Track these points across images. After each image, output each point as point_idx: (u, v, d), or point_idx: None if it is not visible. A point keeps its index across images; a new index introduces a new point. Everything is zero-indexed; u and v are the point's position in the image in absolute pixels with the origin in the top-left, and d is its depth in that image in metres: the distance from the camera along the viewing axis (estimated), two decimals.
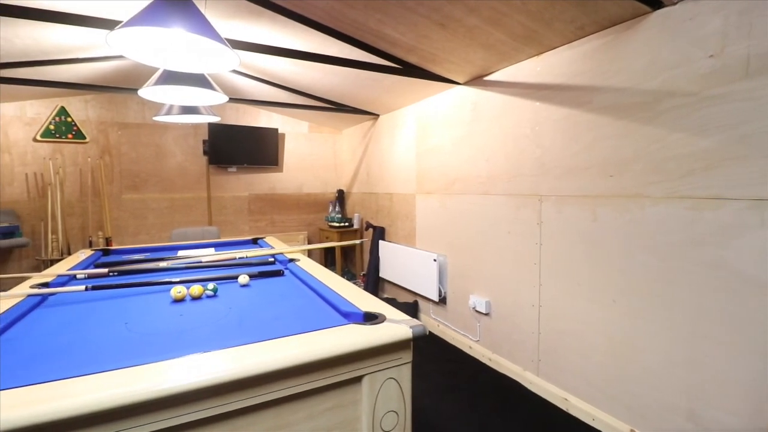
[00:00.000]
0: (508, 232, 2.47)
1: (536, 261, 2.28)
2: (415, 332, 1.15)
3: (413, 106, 3.48)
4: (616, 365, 1.88)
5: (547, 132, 2.18)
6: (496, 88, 2.53)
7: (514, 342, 2.46)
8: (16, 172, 3.65)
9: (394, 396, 1.15)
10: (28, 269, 3.70)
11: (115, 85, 3.58)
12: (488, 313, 2.66)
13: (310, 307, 1.42)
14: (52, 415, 0.75)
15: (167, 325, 1.25)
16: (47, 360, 1.00)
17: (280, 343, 1.05)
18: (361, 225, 4.59)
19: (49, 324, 1.27)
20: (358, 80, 3.06)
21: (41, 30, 2.23)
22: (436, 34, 2.07)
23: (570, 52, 2.04)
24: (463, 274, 2.91)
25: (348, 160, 4.95)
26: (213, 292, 1.58)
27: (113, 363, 0.96)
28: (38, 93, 3.53)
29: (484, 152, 2.64)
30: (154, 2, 1.32)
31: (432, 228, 3.26)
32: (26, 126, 3.67)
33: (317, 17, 2.11)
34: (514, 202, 2.42)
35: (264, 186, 4.74)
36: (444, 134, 3.05)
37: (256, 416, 0.97)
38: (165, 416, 0.86)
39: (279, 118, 4.77)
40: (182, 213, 4.33)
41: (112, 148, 4.00)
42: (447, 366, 2.66)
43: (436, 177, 3.17)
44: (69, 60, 2.79)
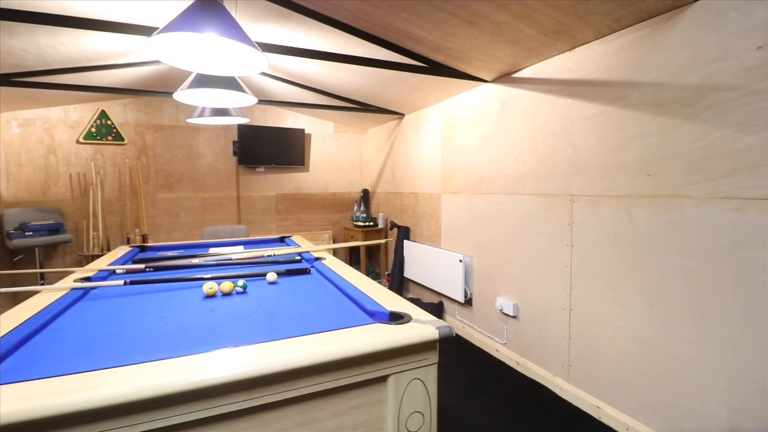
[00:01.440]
0: (537, 233, 2.41)
1: (567, 263, 2.21)
2: (442, 333, 1.14)
3: (439, 105, 3.45)
4: (653, 373, 1.80)
5: (580, 130, 2.11)
6: (525, 85, 2.48)
7: (544, 346, 2.40)
8: (61, 173, 3.87)
9: (419, 397, 1.14)
10: (72, 264, 3.92)
11: (151, 89, 3.73)
12: (516, 316, 2.60)
13: (336, 305, 1.43)
14: (95, 402, 0.79)
15: (200, 319, 1.30)
16: (90, 350, 1.05)
17: (308, 341, 1.07)
18: (385, 224, 4.60)
19: (91, 316, 1.34)
20: (383, 80, 3.06)
21: (83, 38, 2.36)
22: (463, 31, 2.05)
23: (604, 46, 1.97)
24: (489, 275, 2.86)
25: (373, 159, 4.96)
26: (243, 288, 1.62)
27: (151, 355, 1.00)
28: (81, 97, 3.73)
29: (513, 151, 2.59)
30: (188, 8, 1.36)
31: (457, 228, 3.22)
32: (70, 129, 3.88)
33: (343, 18, 2.13)
34: (543, 203, 2.36)
35: (291, 186, 4.82)
36: (470, 133, 3.01)
37: (283, 411, 0.99)
38: (199, 407, 0.89)
39: (305, 119, 4.84)
40: (213, 212, 4.47)
41: (148, 149, 4.18)
42: (473, 368, 2.63)
43: (462, 176, 3.13)
44: (109, 66, 2.93)
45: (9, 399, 0.78)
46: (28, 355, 1.03)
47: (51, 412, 0.76)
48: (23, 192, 3.74)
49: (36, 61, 2.58)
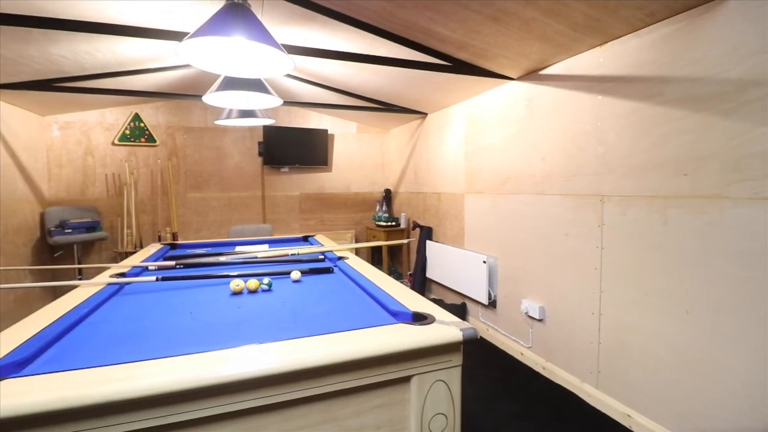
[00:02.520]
0: (565, 235, 2.34)
1: (597, 266, 2.14)
2: (466, 335, 1.12)
3: (463, 104, 3.41)
4: (689, 383, 1.71)
5: (611, 127, 2.04)
6: (552, 82, 2.41)
7: (571, 351, 2.33)
8: (98, 173, 4.05)
9: (443, 399, 1.13)
10: (107, 260, 4.10)
11: (181, 92, 3.86)
12: (542, 319, 2.54)
13: (359, 304, 1.44)
14: (129, 394, 0.82)
15: (227, 315, 1.33)
16: (124, 343, 1.09)
17: (332, 339, 1.07)
18: (408, 224, 4.59)
19: (126, 310, 1.39)
20: (406, 79, 3.06)
21: (118, 44, 2.46)
22: (489, 28, 2.01)
23: (637, 40, 1.89)
24: (514, 277, 2.80)
25: (395, 159, 4.96)
26: (268, 286, 1.65)
27: (181, 349, 1.03)
28: (116, 101, 3.90)
29: (540, 150, 2.53)
30: (217, 13, 1.40)
31: (481, 229, 3.17)
32: (106, 131, 4.06)
33: (367, 18, 2.13)
34: (572, 203, 2.29)
35: (314, 185, 4.88)
36: (495, 132, 2.96)
37: (307, 408, 0.99)
38: (226, 401, 0.91)
39: (329, 119, 4.89)
40: (239, 211, 4.58)
41: (178, 150, 4.32)
42: (497, 372, 2.58)
43: (487, 176, 3.08)
44: (142, 70, 3.05)
45: (50, 388, 0.81)
46: (67, 346, 1.08)
47: (88, 401, 0.80)
48: (63, 191, 3.94)
49: (74, 67, 2.72)
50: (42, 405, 0.77)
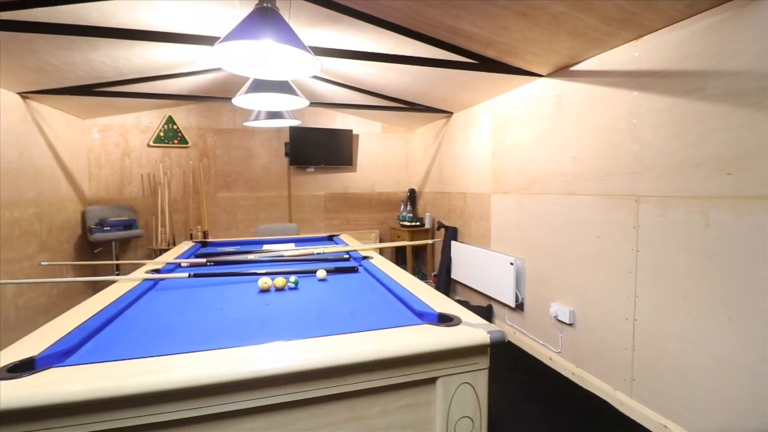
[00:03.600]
0: (597, 236, 2.26)
1: (631, 269, 2.05)
2: (493, 338, 1.10)
3: (489, 102, 3.35)
4: (732, 394, 1.62)
5: (648, 125, 1.95)
6: (584, 78, 2.33)
7: (603, 357, 2.25)
8: (134, 174, 4.24)
9: (469, 402, 1.12)
10: (142, 257, 4.28)
11: (212, 95, 3.98)
12: (572, 324, 2.46)
13: (384, 304, 1.43)
14: (163, 385, 0.85)
15: (255, 312, 1.35)
16: (159, 337, 1.13)
17: (358, 338, 1.08)
18: (432, 225, 4.55)
19: (160, 305, 1.44)
20: (431, 78, 3.03)
21: (153, 49, 2.56)
22: (517, 24, 1.97)
23: (676, 33, 1.80)
24: (543, 279, 2.73)
25: (420, 159, 4.93)
26: (294, 284, 1.68)
27: (213, 343, 1.06)
28: (151, 104, 4.07)
29: (570, 149, 2.45)
30: (247, 17, 1.43)
31: (508, 229, 3.11)
32: (142, 133, 4.24)
33: (393, 18, 2.13)
34: (605, 204, 2.21)
35: (339, 185, 4.93)
36: (523, 130, 2.90)
37: (334, 405, 1.00)
38: (255, 396, 0.93)
39: (353, 120, 4.92)
40: (266, 210, 4.68)
41: (209, 151, 4.46)
42: (524, 376, 2.52)
43: (514, 176, 3.01)
44: (175, 75, 3.17)
45: (91, 377, 0.85)
46: (106, 338, 1.13)
47: (127, 391, 0.83)
48: (102, 191, 4.15)
49: (113, 72, 2.85)
50: (84, 393, 0.81)
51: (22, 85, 2.79)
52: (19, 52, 2.26)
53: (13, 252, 2.84)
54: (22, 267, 2.93)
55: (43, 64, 2.48)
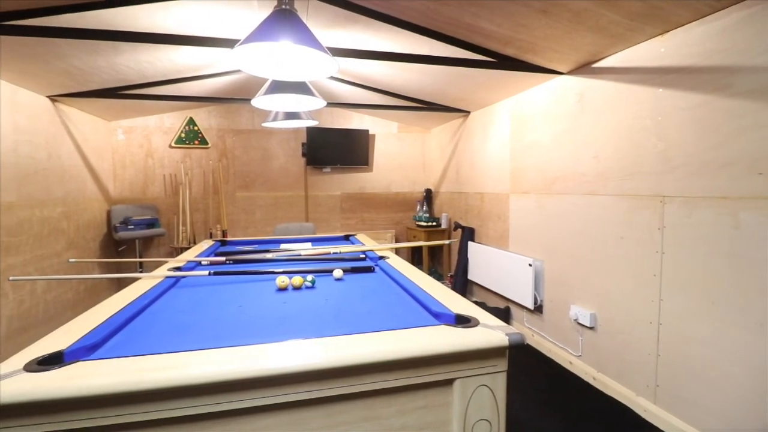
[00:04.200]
0: (620, 238, 2.20)
1: (656, 272, 1.99)
2: (512, 340, 1.08)
3: (507, 101, 3.31)
4: (765, 404, 1.54)
5: (673, 123, 1.89)
6: (606, 75, 2.28)
7: (626, 362, 2.18)
8: (157, 174, 4.35)
9: (487, 404, 1.10)
10: (164, 255, 4.39)
11: (231, 97, 4.05)
12: (593, 327, 2.40)
13: (401, 304, 1.43)
14: (184, 380, 0.87)
15: (273, 310, 1.37)
16: (180, 333, 1.16)
17: (374, 338, 1.07)
18: (449, 225, 4.52)
19: (181, 302, 1.47)
20: (448, 78, 3.01)
21: (175, 52, 2.62)
22: (537, 21, 1.93)
23: (703, 28, 1.74)
24: (562, 281, 2.67)
25: (436, 159, 4.90)
26: (311, 283, 1.69)
27: (232, 340, 1.08)
28: (173, 106, 4.17)
29: (592, 148, 2.39)
30: (266, 19, 1.44)
31: (527, 230, 3.06)
32: (164, 135, 4.35)
33: (410, 18, 2.12)
34: (628, 204, 2.15)
35: (355, 185, 4.94)
36: (543, 129, 2.84)
37: (350, 404, 1.00)
38: (271, 393, 0.94)
39: (370, 120, 4.93)
40: (283, 210, 4.73)
41: (228, 152, 4.54)
42: (543, 380, 2.48)
43: (533, 175, 2.96)
44: (196, 77, 3.24)
45: (116, 371, 0.88)
46: (130, 334, 1.16)
47: (150, 386, 0.85)
48: (127, 190, 4.27)
49: (137, 75, 2.93)
50: (109, 387, 0.84)
51: (51, 88, 2.90)
52: (48, 57, 2.35)
53: (42, 249, 2.95)
54: (51, 263, 3.05)
55: (71, 68, 2.56)
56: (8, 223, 2.59)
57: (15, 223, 2.65)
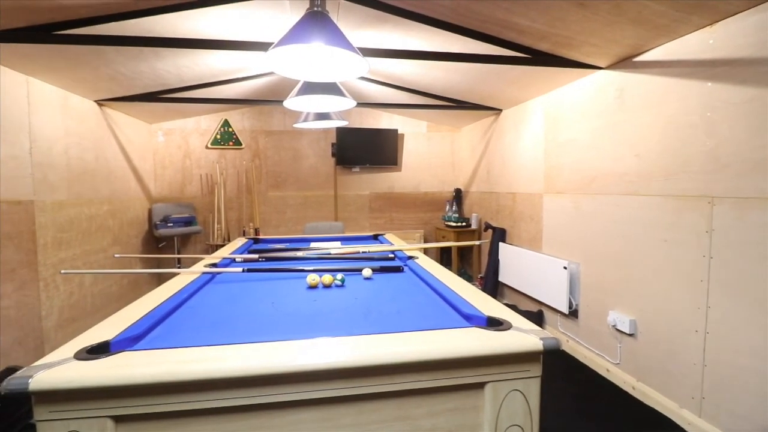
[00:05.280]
0: (663, 241, 2.09)
1: (703, 277, 1.87)
2: (547, 345, 1.04)
3: (541, 98, 3.21)
4: None
5: (724, 119, 1.77)
6: (649, 69, 2.16)
7: (668, 372, 2.07)
8: (194, 174, 4.53)
9: (519, 410, 1.07)
10: (201, 252, 4.56)
11: (264, 99, 4.15)
12: (633, 334, 2.29)
13: (430, 305, 1.42)
14: (222, 373, 0.90)
15: (304, 307, 1.39)
16: (216, 327, 1.19)
17: (405, 338, 1.07)
18: (479, 225, 4.44)
19: (217, 298, 1.53)
20: (479, 75, 2.96)
21: (212, 56, 2.72)
22: (574, 15, 1.86)
23: (757, 17, 1.62)
24: (600, 285, 2.57)
25: (466, 158, 4.83)
26: (341, 282, 1.70)
27: (264, 336, 1.10)
28: (209, 109, 4.32)
29: (633, 146, 2.28)
30: (299, 22, 1.47)
31: (562, 232, 2.95)
32: (201, 136, 4.53)
33: (441, 15, 2.10)
34: (673, 205, 2.03)
35: (383, 185, 4.95)
36: (580, 127, 2.74)
37: (381, 403, 1.00)
38: (303, 389, 0.95)
39: (399, 119, 4.92)
40: (313, 209, 4.81)
41: (260, 152, 4.66)
42: (578, 387, 2.38)
43: (569, 175, 2.86)
44: (231, 80, 3.34)
45: (157, 362, 0.92)
46: (170, 326, 1.21)
47: (190, 377, 0.89)
48: (166, 190, 4.47)
49: (176, 79, 3.06)
50: (151, 377, 0.88)
51: (98, 93, 3.08)
52: (96, 64, 2.49)
53: (90, 245, 3.14)
54: (97, 258, 3.24)
55: (116, 73, 2.71)
56: (60, 220, 2.77)
57: (66, 220, 2.83)
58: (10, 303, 2.28)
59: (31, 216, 2.48)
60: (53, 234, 2.69)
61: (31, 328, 2.46)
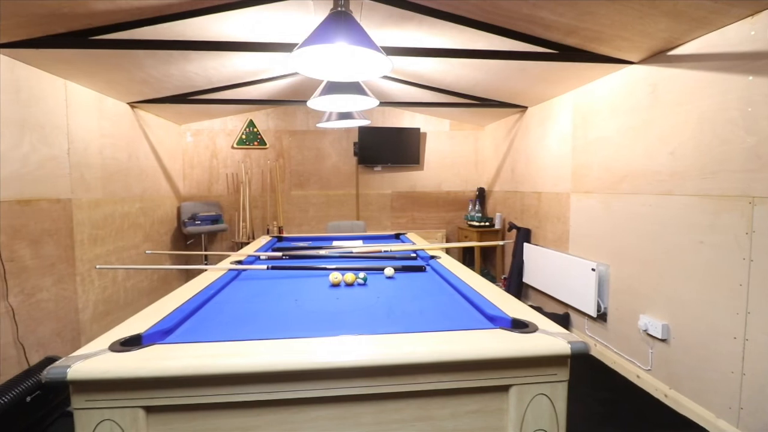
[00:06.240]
0: (699, 242, 1.99)
1: (742, 281, 1.77)
2: (575, 348, 1.01)
3: (569, 95, 3.12)
4: None
5: (766, 114, 1.67)
6: (685, 63, 2.07)
7: (704, 380, 1.97)
8: (220, 173, 4.65)
9: (545, 414, 1.04)
10: (226, 249, 4.68)
11: (288, 99, 4.22)
12: (665, 340, 2.20)
13: (453, 305, 1.40)
14: (249, 367, 0.92)
15: (327, 305, 1.40)
16: (242, 323, 1.22)
17: (428, 338, 1.06)
18: (503, 225, 4.37)
19: (243, 294, 1.56)
20: (504, 72, 2.90)
21: (238, 58, 2.78)
22: (604, 8, 1.80)
23: None
24: (630, 288, 2.47)
25: (490, 157, 4.76)
26: (363, 280, 1.71)
27: (288, 332, 1.12)
28: (235, 110, 4.42)
29: (667, 143, 2.19)
30: (323, 22, 1.48)
31: (590, 232, 2.87)
32: (227, 136, 4.64)
33: (465, 12, 2.07)
34: (710, 205, 1.94)
35: (405, 184, 4.94)
36: (610, 124, 2.65)
37: (403, 403, 1.00)
38: (326, 386, 0.96)
39: (421, 118, 4.89)
40: (335, 208, 4.85)
41: (284, 152, 4.74)
42: (605, 393, 2.31)
43: (598, 174, 2.77)
44: (256, 81, 3.41)
45: (187, 356, 0.94)
46: (199, 321, 1.24)
47: (218, 370, 0.91)
48: (194, 189, 4.61)
49: (204, 81, 3.14)
50: (181, 370, 0.90)
51: (131, 95, 3.20)
52: (129, 67, 2.59)
53: (123, 241, 3.27)
54: (130, 254, 3.37)
55: (147, 76, 2.81)
56: (95, 217, 2.90)
57: (101, 218, 2.96)
58: (49, 296, 2.41)
59: (69, 213, 2.60)
60: (89, 231, 2.82)
61: (69, 320, 2.59)
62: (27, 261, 2.23)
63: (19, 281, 2.17)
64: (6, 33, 1.92)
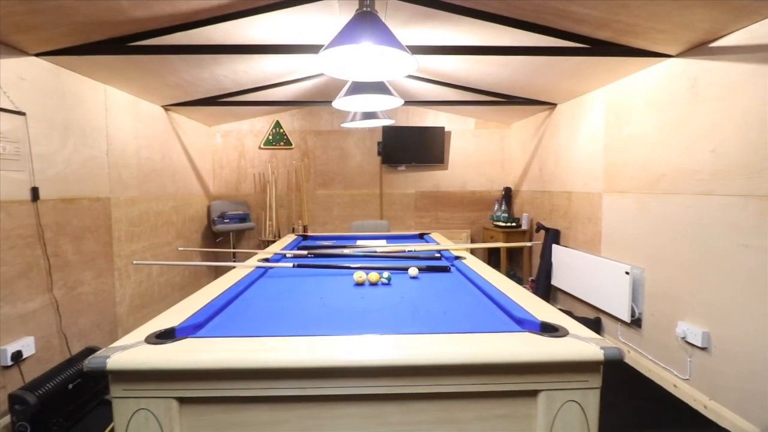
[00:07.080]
0: (744, 246, 1.87)
1: None
2: (608, 355, 0.97)
3: (601, 90, 3.01)
4: None
5: None
6: (728, 55, 1.95)
7: (747, 391, 1.86)
8: (248, 173, 4.76)
9: (576, 422, 1.01)
10: (253, 247, 4.79)
11: (313, 100, 4.27)
12: (706, 348, 2.08)
13: (479, 307, 1.38)
14: (279, 363, 0.94)
15: (351, 304, 1.41)
16: (269, 319, 1.24)
17: (453, 339, 1.05)
18: (530, 226, 4.27)
19: (270, 291, 1.59)
20: (532, 68, 2.83)
21: (265, 61, 2.83)
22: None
23: None
24: (667, 293, 2.36)
25: (517, 155, 4.66)
26: (387, 280, 1.71)
27: (314, 329, 1.13)
28: (262, 111, 4.52)
29: (708, 140, 2.07)
30: (349, 23, 1.48)
31: (624, 234, 2.75)
32: (254, 137, 4.75)
33: (492, 8, 2.03)
34: (755, 206, 1.82)
35: (429, 183, 4.91)
36: (646, 120, 2.53)
37: (428, 404, 0.99)
38: (352, 384, 0.96)
39: (445, 117, 4.85)
40: (359, 207, 4.88)
41: (309, 152, 4.80)
42: (641, 402, 2.21)
43: (633, 173, 2.66)
44: (283, 83, 3.47)
45: (218, 350, 0.97)
46: (228, 316, 1.27)
47: (249, 365, 0.93)
48: (223, 188, 4.75)
49: (233, 84, 3.22)
50: (213, 363, 0.93)
51: (164, 99, 3.32)
52: (163, 72, 2.69)
53: (157, 238, 3.40)
54: (163, 251, 3.50)
55: (180, 80, 2.91)
56: (132, 215, 3.03)
57: (137, 215, 3.09)
58: (90, 289, 2.54)
59: (107, 211, 2.73)
60: (126, 228, 2.95)
61: (107, 312, 2.72)
62: (69, 256, 2.36)
63: (63, 275, 2.30)
64: (52, 41, 2.03)
